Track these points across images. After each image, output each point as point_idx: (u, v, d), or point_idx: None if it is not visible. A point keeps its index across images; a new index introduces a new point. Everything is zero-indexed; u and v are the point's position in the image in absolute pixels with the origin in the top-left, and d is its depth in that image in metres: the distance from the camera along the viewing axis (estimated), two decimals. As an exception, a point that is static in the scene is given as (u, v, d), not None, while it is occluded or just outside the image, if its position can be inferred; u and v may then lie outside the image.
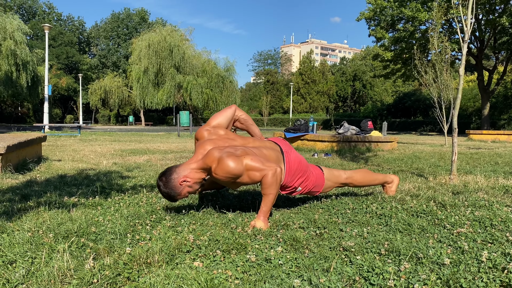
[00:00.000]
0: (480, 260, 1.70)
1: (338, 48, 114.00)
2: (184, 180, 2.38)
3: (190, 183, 2.39)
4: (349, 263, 1.71)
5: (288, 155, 2.61)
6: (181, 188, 2.39)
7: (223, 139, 2.54)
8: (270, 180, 2.27)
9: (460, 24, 4.01)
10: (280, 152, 2.61)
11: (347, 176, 2.90)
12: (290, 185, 2.60)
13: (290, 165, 2.57)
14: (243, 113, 2.80)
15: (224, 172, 2.27)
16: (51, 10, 51.30)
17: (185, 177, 2.38)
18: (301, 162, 2.64)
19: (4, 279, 1.50)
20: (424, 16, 20.14)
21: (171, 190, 2.38)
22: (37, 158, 5.41)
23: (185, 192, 2.42)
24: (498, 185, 3.70)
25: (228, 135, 2.61)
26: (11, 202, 2.80)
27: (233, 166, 2.25)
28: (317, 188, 2.76)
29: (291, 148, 2.72)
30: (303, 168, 2.64)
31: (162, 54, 32.24)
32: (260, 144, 2.60)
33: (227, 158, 2.26)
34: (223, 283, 1.49)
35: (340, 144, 8.19)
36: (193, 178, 2.39)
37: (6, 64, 23.62)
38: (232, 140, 2.56)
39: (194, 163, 2.41)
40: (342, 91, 54.52)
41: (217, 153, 2.31)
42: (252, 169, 2.29)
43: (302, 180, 2.63)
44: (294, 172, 2.58)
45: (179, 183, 2.37)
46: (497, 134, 14.71)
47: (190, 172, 2.39)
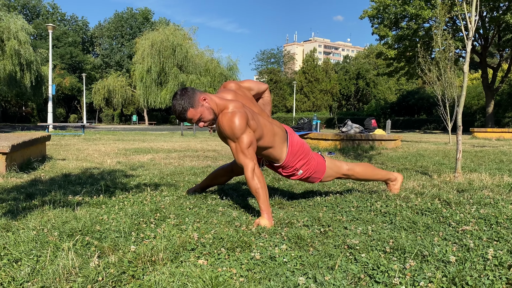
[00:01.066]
0: (486, 258, 1.69)
1: (341, 47, 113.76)
2: (204, 99, 2.38)
3: (208, 106, 2.38)
4: (354, 261, 1.71)
5: (292, 137, 2.68)
6: (199, 104, 2.37)
7: (246, 100, 2.59)
8: (249, 175, 2.32)
9: (464, 22, 3.99)
10: (285, 132, 2.68)
11: (349, 168, 2.92)
12: (291, 165, 2.65)
13: (293, 146, 2.64)
14: (269, 97, 2.87)
15: (227, 122, 2.31)
16: (55, 10, 51.43)
17: (206, 98, 2.39)
18: (303, 146, 2.71)
19: (10, 277, 1.51)
20: (427, 13, 20.05)
21: (190, 99, 2.35)
22: (42, 157, 5.43)
23: (200, 111, 2.37)
24: (503, 183, 3.69)
25: (252, 100, 2.66)
26: (16, 201, 2.81)
27: (237, 124, 2.29)
28: (318, 174, 2.78)
29: (295, 133, 2.79)
30: (305, 151, 2.70)
31: (165, 54, 32.31)
32: (272, 120, 2.66)
33: (240, 115, 2.30)
34: (227, 281, 1.49)
35: (343, 143, 8.17)
36: (211, 104, 2.40)
37: (10, 64, 23.71)
38: (253, 105, 2.62)
39: (217, 98, 2.44)
40: (346, 89, 54.40)
41: (237, 105, 2.36)
42: (241, 143, 2.33)
43: (304, 163, 2.68)
44: (295, 153, 2.64)
45: (200, 98, 2.37)
46: (502, 132, 14.64)
47: (211, 100, 2.41)
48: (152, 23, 49.47)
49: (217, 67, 34.91)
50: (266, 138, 2.51)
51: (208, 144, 9.86)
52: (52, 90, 20.45)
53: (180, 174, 4.27)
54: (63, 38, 46.71)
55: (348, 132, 8.81)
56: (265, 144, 2.52)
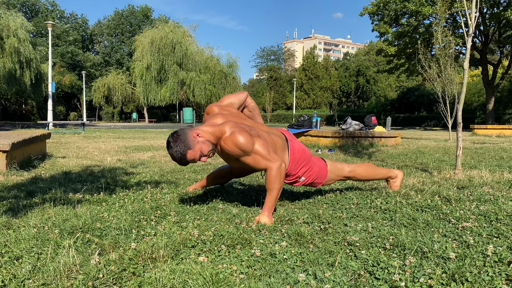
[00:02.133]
0: (486, 254, 1.70)
1: (341, 44, 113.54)
2: (197, 134, 2.32)
3: (203, 139, 2.32)
4: (354, 257, 1.71)
5: (293, 144, 2.63)
6: (195, 142, 2.30)
7: (234, 116, 2.53)
8: (275, 173, 2.27)
9: (465, 18, 3.98)
10: (285, 140, 2.63)
11: (350, 170, 2.90)
12: (294, 173, 2.61)
13: (294, 153, 2.58)
14: (253, 102, 2.81)
15: (233, 144, 2.26)
16: (54, 7, 51.30)
17: (198, 132, 2.33)
18: (305, 152, 2.66)
19: (11, 274, 1.51)
20: (427, 10, 20.03)
21: (184, 142, 2.28)
22: (42, 155, 5.44)
23: (198, 149, 2.30)
24: (503, 179, 3.69)
25: (239, 114, 2.61)
26: (17, 198, 2.81)
27: (243, 141, 2.25)
28: (320, 179, 2.77)
29: (295, 138, 2.74)
30: (307, 157, 2.66)
31: (164, 51, 32.25)
32: (268, 129, 2.62)
33: (240, 132, 2.27)
34: (228, 277, 1.50)
35: (343, 140, 8.17)
36: (206, 136, 2.34)
37: (9, 62, 23.68)
38: (243, 119, 2.56)
39: (206, 127, 2.38)
40: (346, 86, 54.34)
41: (231, 125, 2.32)
42: (259, 153, 2.29)
43: (306, 170, 2.64)
44: (297, 161, 2.59)
45: (193, 136, 2.31)
46: (502, 129, 14.64)
47: (204, 131, 2.36)
48: (152, 20, 49.36)
49: (217, 64, 34.82)
50: None
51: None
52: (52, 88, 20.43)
53: (180, 172, 4.28)
54: (63, 37, 46.63)
55: (348, 129, 8.81)
56: None
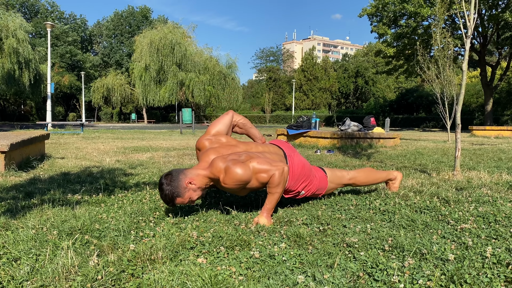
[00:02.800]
0: (485, 256, 1.70)
1: (340, 45, 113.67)
2: (190, 182, 2.31)
3: (195, 187, 2.33)
4: (353, 259, 1.71)
5: (292, 159, 2.58)
6: (185, 190, 2.31)
7: (226, 147, 2.51)
8: (278, 180, 2.26)
9: (463, 20, 3.99)
10: (283, 156, 2.60)
11: (350, 177, 2.87)
12: (294, 189, 2.57)
13: (294, 169, 2.54)
14: (241, 118, 2.78)
15: (233, 180, 2.23)
16: (54, 8, 51.26)
17: (192, 179, 2.32)
18: (304, 166, 2.61)
19: (9, 276, 1.51)
20: (426, 11, 20.06)
21: (175, 189, 2.30)
22: (40, 156, 5.43)
23: (187, 196, 2.33)
24: (502, 181, 3.69)
25: (229, 142, 2.58)
26: (15, 199, 2.81)
27: (241, 173, 2.22)
28: (320, 190, 2.74)
29: (294, 151, 2.70)
30: (307, 172, 2.61)
31: (163, 52, 32.25)
32: (263, 149, 2.58)
33: (234, 166, 2.22)
34: (227, 279, 1.49)
35: (342, 141, 8.18)
36: (199, 183, 2.34)
37: (8, 62, 23.68)
38: (234, 146, 2.53)
39: (202, 170, 2.36)
40: (345, 87, 54.37)
41: (222, 163, 2.27)
42: (259, 171, 2.26)
43: (306, 184, 2.61)
44: (297, 177, 2.55)
45: (185, 183, 2.31)
46: (500, 130, 14.66)
47: (198, 177, 2.34)
48: (151, 21, 49.35)
49: (216, 65, 34.84)
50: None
51: (207, 142, 9.84)
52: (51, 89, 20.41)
53: (179, 173, 4.27)
54: (62, 37, 46.59)
55: (347, 130, 8.81)
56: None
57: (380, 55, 26.66)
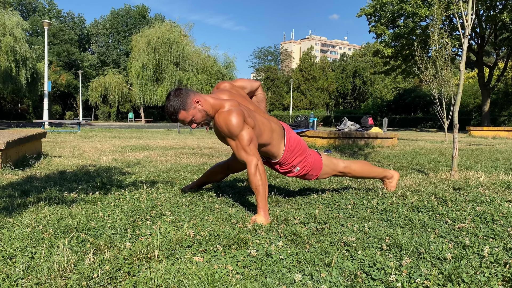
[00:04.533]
0: (482, 255, 1.70)
1: (338, 45, 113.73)
2: (198, 101, 2.38)
3: (200, 108, 2.38)
4: (350, 258, 1.71)
5: (289, 134, 2.68)
6: (192, 106, 2.37)
7: (241, 98, 2.57)
8: (253, 171, 2.30)
9: (461, 20, 3.99)
10: (283, 129, 2.68)
11: (345, 165, 2.93)
12: (289, 161, 2.65)
13: (290, 142, 2.64)
14: (263, 93, 2.85)
15: (224, 121, 2.30)
16: (51, 6, 51.05)
17: (200, 100, 2.38)
18: (300, 142, 2.71)
19: (4, 274, 1.49)
20: (424, 12, 20.10)
21: (182, 101, 2.35)
22: (37, 154, 5.40)
23: (192, 113, 2.38)
24: (499, 181, 3.70)
25: (246, 98, 2.65)
26: (11, 197, 2.79)
27: (234, 122, 2.28)
28: (315, 171, 2.79)
29: (291, 130, 2.78)
30: (302, 148, 2.71)
31: (161, 51, 32.15)
32: (269, 117, 2.65)
33: (236, 113, 2.30)
34: (223, 278, 1.49)
35: (340, 140, 8.18)
36: (205, 106, 2.40)
37: (5, 61, 23.55)
38: (248, 103, 2.60)
39: (211, 98, 2.43)
40: (342, 87, 54.42)
41: (232, 103, 2.36)
42: (241, 141, 2.32)
43: (301, 160, 2.69)
44: (293, 150, 2.64)
45: (193, 100, 2.37)
46: (498, 131, 14.71)
47: (205, 101, 2.40)
48: (148, 20, 49.23)
49: (214, 64, 34.76)
50: (264, 135, 2.50)
51: (204, 141, 9.84)
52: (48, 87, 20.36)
53: (176, 172, 4.26)
54: (59, 35, 46.42)
55: (345, 130, 8.82)
56: (263, 141, 2.52)
57: (378, 55, 26.71)
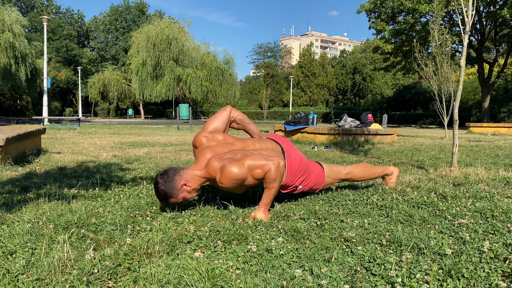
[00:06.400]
0: (482, 251, 1.70)
1: (338, 41, 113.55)
2: (185, 184, 2.32)
3: (189, 189, 2.34)
4: (350, 253, 1.71)
5: (289, 155, 2.58)
6: (179, 192, 2.32)
7: (222, 145, 2.49)
8: (274, 175, 2.25)
9: (461, 16, 3.98)
10: (281, 151, 2.59)
11: (347, 172, 2.88)
12: (291, 184, 2.56)
13: (291, 164, 2.54)
14: (238, 113, 2.75)
15: (230, 179, 2.23)
16: (50, 2, 50.93)
17: (187, 181, 2.32)
18: (302, 161, 2.61)
19: (4, 269, 1.50)
20: (424, 8, 20.03)
21: (169, 190, 2.30)
22: (37, 151, 5.40)
23: (181, 197, 2.34)
24: (499, 177, 3.70)
25: (226, 140, 2.55)
26: (11, 193, 2.79)
27: (237, 171, 2.21)
28: (318, 185, 2.75)
29: (291, 146, 2.69)
30: (304, 167, 2.61)
31: (160, 47, 32.08)
32: (260, 146, 2.56)
33: (229, 165, 2.22)
34: (224, 273, 1.49)
35: (340, 137, 8.18)
36: (193, 184, 2.34)
37: (5, 57, 23.50)
38: (231, 144, 2.51)
39: (198, 170, 2.36)
40: (342, 84, 54.38)
41: (218, 163, 2.27)
42: (254, 167, 2.24)
43: (303, 179, 2.61)
44: (295, 172, 2.55)
45: (180, 185, 2.31)
46: (497, 127, 14.70)
47: (193, 178, 2.34)
48: (147, 16, 49.11)
49: (213, 60, 34.68)
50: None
51: (204, 138, 9.82)
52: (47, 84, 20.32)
53: (176, 164, 4.25)
54: (58, 31, 46.31)
55: (344, 126, 8.81)
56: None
57: (378, 52, 26.67)
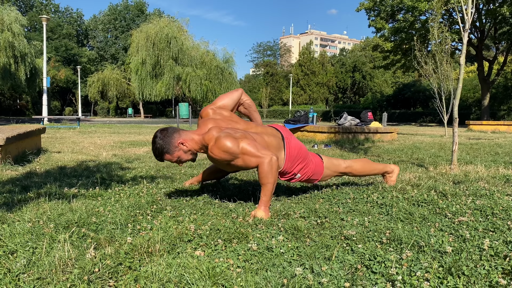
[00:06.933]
0: (482, 248, 1.70)
1: (337, 39, 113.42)
2: (182, 143, 2.40)
3: (185, 149, 2.42)
4: (350, 251, 1.71)
5: (289, 141, 2.62)
6: (176, 149, 2.41)
7: (226, 120, 2.55)
8: (266, 169, 2.27)
9: (461, 14, 3.98)
10: (281, 138, 2.62)
11: (347, 166, 2.90)
12: (290, 171, 2.61)
13: (290, 151, 2.58)
14: (248, 98, 2.80)
15: (220, 151, 2.30)
16: (49, 1, 50.88)
17: (185, 140, 2.41)
18: (301, 149, 2.66)
19: (6, 268, 1.50)
20: (424, 6, 20.01)
21: (166, 145, 2.39)
22: (37, 150, 5.40)
23: (176, 155, 2.42)
24: (499, 174, 3.70)
25: (232, 117, 2.61)
26: (11, 193, 2.79)
27: (229, 145, 2.27)
28: (316, 176, 2.77)
29: (291, 135, 2.73)
30: (303, 155, 2.65)
31: (160, 46, 32.03)
32: (262, 130, 2.60)
33: (225, 137, 2.29)
34: (224, 271, 1.49)
35: (340, 135, 8.18)
36: (190, 145, 2.42)
37: (4, 56, 23.46)
38: (235, 122, 2.57)
39: (196, 135, 2.45)
40: (342, 82, 54.33)
41: (215, 132, 2.35)
42: (247, 153, 2.30)
43: (302, 167, 2.65)
44: (294, 159, 2.59)
45: (177, 142, 2.40)
46: (497, 125, 14.71)
47: (191, 140, 2.43)
48: (147, 15, 49.06)
49: (213, 59, 34.64)
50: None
51: (204, 136, 9.82)
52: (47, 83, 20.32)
53: (176, 167, 4.26)
54: (57, 30, 46.26)
55: (344, 124, 8.81)
56: None
57: (378, 50, 26.64)
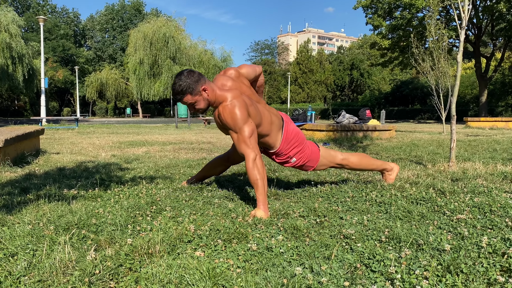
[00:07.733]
0: (480, 246, 1.71)
1: (335, 37, 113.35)
2: (205, 89, 2.44)
3: (205, 96, 2.46)
4: (350, 250, 1.72)
5: (287, 125, 2.74)
6: (198, 93, 2.44)
7: (245, 88, 2.63)
8: (251, 166, 2.35)
9: (458, 11, 3.98)
10: (282, 121, 2.73)
11: (343, 158, 2.95)
12: (285, 152, 2.72)
13: (288, 133, 2.70)
14: (263, 79, 2.91)
15: (229, 114, 2.38)
16: (45, 2, 50.74)
17: (207, 88, 2.45)
18: (298, 134, 2.77)
19: (6, 271, 1.50)
20: (421, 3, 20.03)
21: (192, 85, 2.41)
22: (35, 151, 5.40)
23: (196, 99, 2.45)
24: (497, 171, 3.71)
25: (250, 88, 2.70)
26: (11, 195, 2.79)
27: (238, 115, 2.36)
28: (312, 163, 2.84)
29: (291, 121, 2.83)
30: (300, 139, 2.76)
31: (157, 45, 32.02)
32: (268, 109, 2.69)
33: (239, 107, 2.37)
34: (225, 272, 1.50)
35: (338, 133, 8.19)
36: (211, 95, 2.46)
37: (1, 58, 23.45)
38: (252, 93, 2.66)
39: (218, 89, 2.49)
40: (340, 80, 54.35)
41: (232, 96, 2.42)
42: (243, 134, 2.38)
43: (298, 151, 2.74)
44: (290, 141, 2.71)
45: (201, 87, 2.44)
46: (495, 121, 14.74)
47: (212, 91, 2.47)
48: (144, 14, 48.97)
49: (211, 58, 34.65)
50: (263, 126, 2.57)
51: (203, 136, 9.84)
52: (45, 84, 20.27)
53: (175, 167, 4.26)
54: (54, 31, 46.13)
55: (343, 122, 8.82)
56: (262, 132, 2.59)
57: (375, 47, 26.66)
